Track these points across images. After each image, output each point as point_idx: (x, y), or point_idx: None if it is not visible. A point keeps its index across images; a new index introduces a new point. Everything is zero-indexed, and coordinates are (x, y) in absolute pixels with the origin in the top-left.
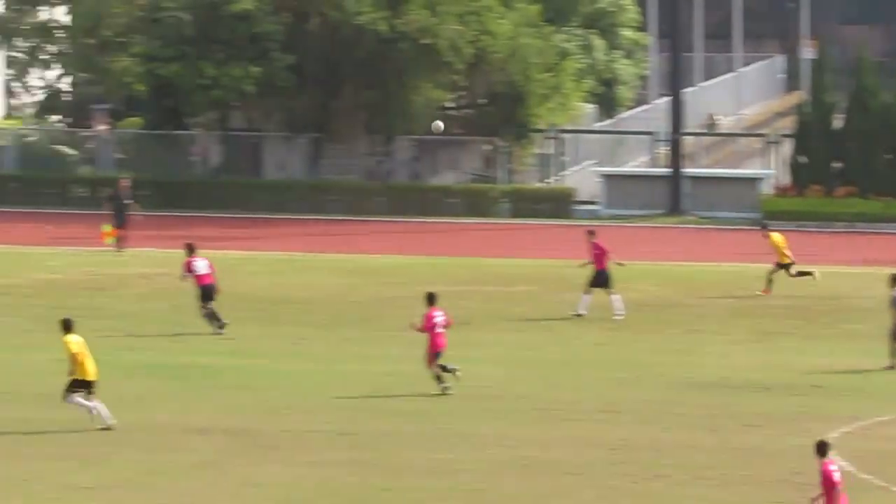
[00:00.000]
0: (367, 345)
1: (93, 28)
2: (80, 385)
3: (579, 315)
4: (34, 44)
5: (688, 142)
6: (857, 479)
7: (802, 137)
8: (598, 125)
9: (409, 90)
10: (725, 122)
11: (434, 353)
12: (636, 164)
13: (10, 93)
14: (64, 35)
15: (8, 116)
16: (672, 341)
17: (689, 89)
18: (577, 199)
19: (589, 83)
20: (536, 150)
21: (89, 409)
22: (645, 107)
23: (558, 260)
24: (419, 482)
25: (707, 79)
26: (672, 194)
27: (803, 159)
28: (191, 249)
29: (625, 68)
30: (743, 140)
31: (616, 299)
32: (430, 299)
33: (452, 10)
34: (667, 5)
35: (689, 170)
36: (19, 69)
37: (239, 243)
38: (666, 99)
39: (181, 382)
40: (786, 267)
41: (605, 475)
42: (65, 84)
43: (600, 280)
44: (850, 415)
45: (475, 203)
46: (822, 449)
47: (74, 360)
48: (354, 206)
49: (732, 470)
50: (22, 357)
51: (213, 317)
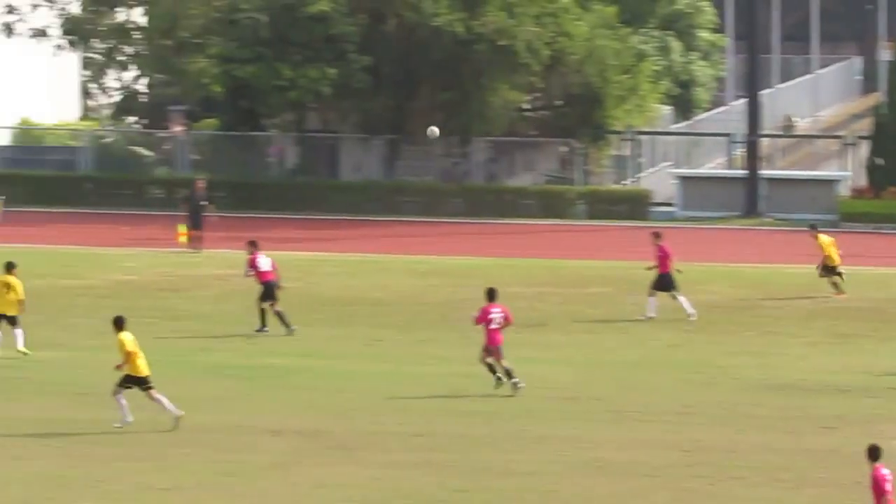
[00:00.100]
0: (441, 346)
1: (170, 29)
2: (132, 381)
3: (649, 318)
4: (111, 45)
5: (764, 143)
6: None
7: (879, 139)
8: (674, 127)
9: (486, 91)
10: (802, 124)
11: (489, 347)
12: (712, 166)
13: (86, 94)
14: (141, 36)
15: (84, 118)
16: (747, 343)
17: (766, 91)
18: (654, 200)
19: (666, 85)
20: (613, 152)
21: (125, 415)
22: (721, 108)
23: (634, 262)
24: (494, 483)
25: (784, 80)
26: (748, 196)
27: (880, 161)
28: (254, 246)
29: (702, 70)
30: (820, 142)
31: (683, 300)
32: (490, 295)
33: (529, 12)
34: (744, 7)
35: (766, 172)
36: (96, 70)
37: (314, 245)
38: (743, 101)
39: (255, 383)
40: (833, 268)
41: (680, 477)
42: (141, 85)
43: (663, 283)
44: None
45: (551, 204)
46: (873, 454)
47: (128, 358)
48: (430, 207)
49: (808, 472)
50: (98, 358)
51: (282, 317)
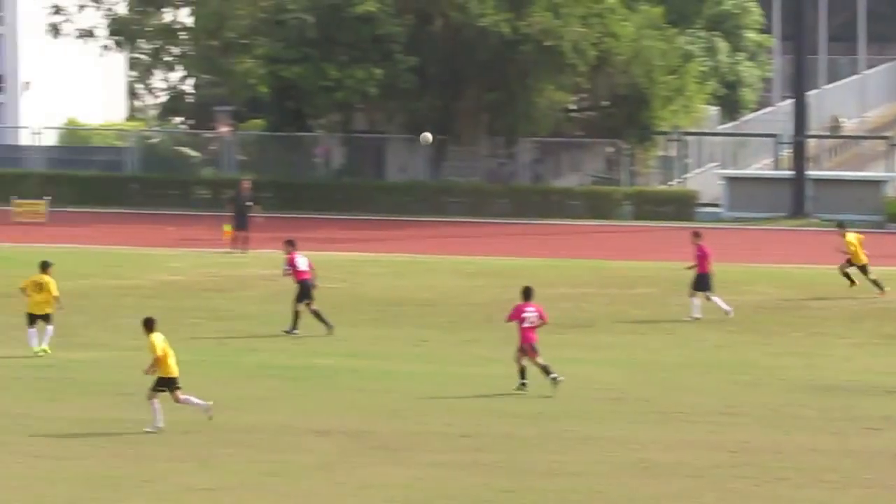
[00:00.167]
0: (487, 347)
1: (216, 30)
2: (164, 383)
3: (695, 318)
4: (157, 45)
5: (811, 144)
6: None
7: None
8: (721, 127)
9: (532, 92)
10: (849, 125)
11: (522, 345)
12: (759, 167)
13: (133, 95)
14: (187, 37)
15: (131, 118)
16: (794, 344)
17: (813, 92)
18: (700, 201)
19: (712, 85)
20: (659, 153)
21: (156, 420)
22: (768, 109)
23: (680, 262)
24: (540, 484)
25: (831, 81)
26: (795, 197)
27: None
28: (291, 245)
29: (748, 70)
30: (867, 142)
31: (717, 300)
32: (525, 294)
33: (576, 12)
34: (791, 7)
35: (813, 172)
36: (142, 71)
37: (360, 245)
38: (789, 101)
39: (300, 384)
40: (862, 268)
41: (726, 478)
42: (188, 86)
43: (701, 283)
44: None
45: (597, 205)
46: None
47: (158, 361)
48: (476, 207)
49: (854, 473)
50: (143, 358)
51: (319, 316)
